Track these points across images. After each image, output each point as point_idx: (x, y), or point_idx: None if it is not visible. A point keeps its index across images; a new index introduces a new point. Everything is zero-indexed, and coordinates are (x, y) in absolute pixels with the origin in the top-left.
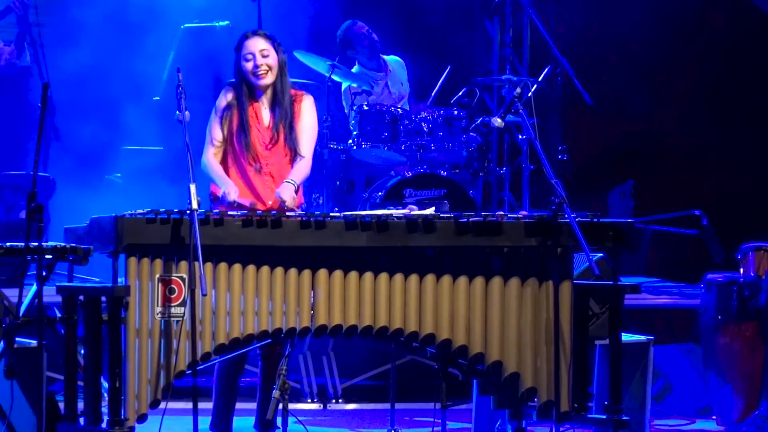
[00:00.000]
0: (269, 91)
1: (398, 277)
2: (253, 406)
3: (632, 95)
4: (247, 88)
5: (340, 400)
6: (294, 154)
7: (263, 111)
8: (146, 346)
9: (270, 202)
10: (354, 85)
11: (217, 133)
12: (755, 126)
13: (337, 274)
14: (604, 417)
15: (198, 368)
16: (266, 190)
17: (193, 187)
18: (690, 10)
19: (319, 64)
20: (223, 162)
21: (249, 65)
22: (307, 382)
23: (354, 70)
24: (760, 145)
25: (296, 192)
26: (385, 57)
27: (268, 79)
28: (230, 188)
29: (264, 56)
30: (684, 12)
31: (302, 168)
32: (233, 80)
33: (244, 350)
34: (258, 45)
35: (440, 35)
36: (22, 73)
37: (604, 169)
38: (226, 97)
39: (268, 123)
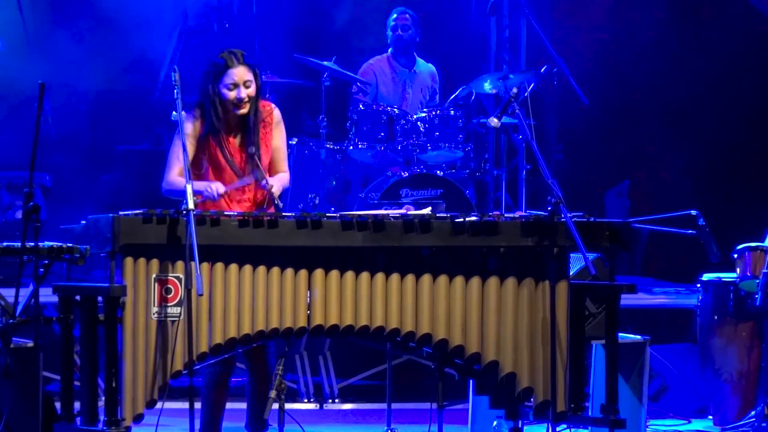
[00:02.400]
0: (242, 116)
1: (394, 277)
2: (243, 405)
3: (628, 95)
4: (218, 113)
5: (336, 400)
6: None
7: (235, 136)
8: (143, 346)
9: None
10: (358, 84)
11: (183, 159)
12: (752, 126)
13: (334, 273)
14: (601, 417)
15: (194, 368)
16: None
17: (189, 187)
18: (688, 10)
19: (317, 66)
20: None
21: (231, 95)
22: (304, 382)
23: (385, 54)
24: (757, 145)
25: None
26: (420, 60)
27: (247, 109)
28: (213, 185)
29: (247, 87)
30: (682, 11)
31: (283, 178)
32: (200, 102)
33: (238, 351)
34: (242, 75)
35: (437, 34)
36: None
37: (600, 169)
38: (194, 124)
39: (239, 146)
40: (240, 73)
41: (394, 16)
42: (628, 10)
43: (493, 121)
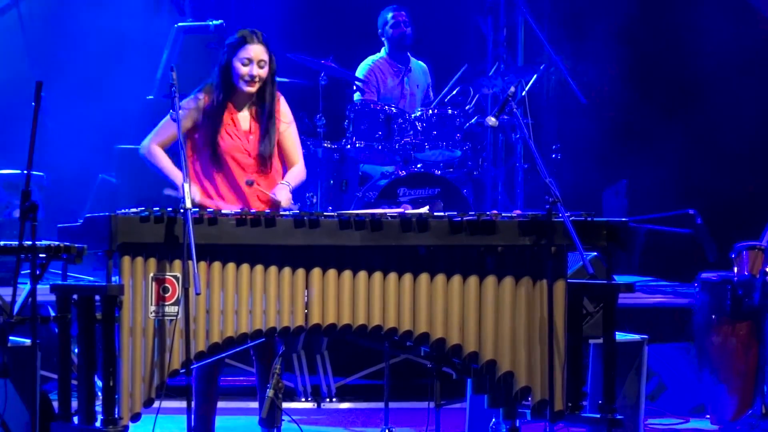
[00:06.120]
0: (251, 98)
1: (392, 276)
2: (246, 404)
3: (626, 95)
4: (230, 90)
5: (334, 399)
6: (266, 160)
7: (242, 117)
8: (140, 345)
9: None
10: (357, 84)
11: (170, 133)
12: (750, 125)
13: (331, 273)
14: (598, 416)
15: (192, 367)
16: (253, 197)
17: (186, 186)
18: (686, 9)
19: (313, 65)
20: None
21: (244, 70)
22: (301, 381)
23: (381, 54)
24: (755, 145)
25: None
26: (413, 58)
27: (255, 89)
28: (193, 189)
29: (261, 66)
30: (680, 10)
31: (298, 172)
32: (212, 81)
33: (235, 351)
34: (259, 53)
35: (434, 34)
36: None
37: (598, 168)
38: (198, 103)
39: (248, 129)
40: (257, 50)
41: (391, 14)
42: (625, 9)
43: (491, 120)
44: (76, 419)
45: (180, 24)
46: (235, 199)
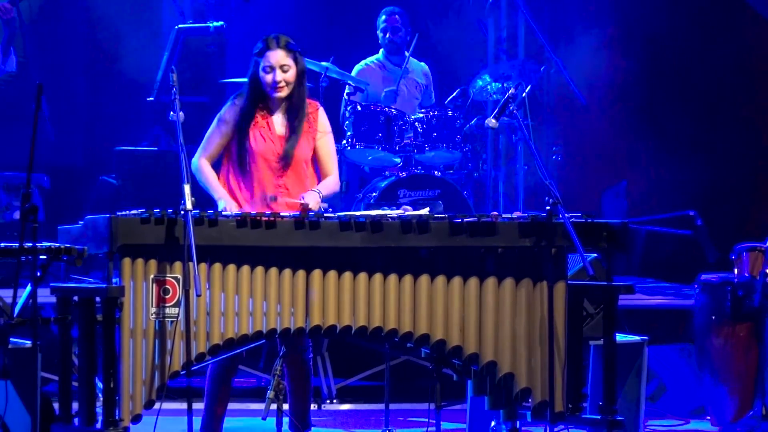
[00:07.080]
0: (284, 102)
1: (392, 278)
2: (247, 406)
3: (626, 95)
4: (260, 96)
5: (334, 401)
6: (289, 160)
7: (276, 121)
8: (141, 347)
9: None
10: (350, 83)
11: (216, 143)
12: (750, 127)
13: (332, 274)
14: (598, 417)
15: (192, 369)
16: (282, 206)
17: (187, 188)
18: (686, 11)
19: (313, 67)
20: (224, 173)
21: (268, 78)
22: None
23: (378, 56)
24: (754, 145)
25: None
26: (413, 59)
27: (285, 93)
28: (229, 204)
29: (284, 71)
30: (680, 12)
31: (331, 183)
32: (243, 89)
33: (237, 351)
34: (279, 59)
35: (434, 35)
36: (8, 78)
37: (598, 169)
38: (234, 108)
39: (282, 133)
40: (277, 56)
41: (383, 17)
42: (626, 10)
43: (491, 122)
44: (76, 421)
45: (180, 26)
46: (266, 208)
